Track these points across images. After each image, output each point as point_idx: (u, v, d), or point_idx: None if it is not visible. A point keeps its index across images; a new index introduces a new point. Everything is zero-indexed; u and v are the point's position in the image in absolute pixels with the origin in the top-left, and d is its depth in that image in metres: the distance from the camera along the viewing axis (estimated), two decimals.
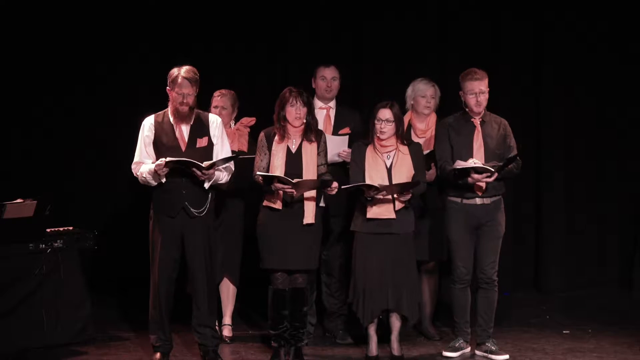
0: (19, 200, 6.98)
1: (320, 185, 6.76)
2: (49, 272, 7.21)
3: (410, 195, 6.82)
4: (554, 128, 9.13)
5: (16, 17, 8.90)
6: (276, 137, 6.85)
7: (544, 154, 9.15)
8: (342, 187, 6.81)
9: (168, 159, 6.58)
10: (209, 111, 7.36)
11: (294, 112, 6.81)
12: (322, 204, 7.14)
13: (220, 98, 7.48)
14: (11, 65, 8.91)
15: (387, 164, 6.90)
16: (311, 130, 6.88)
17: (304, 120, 6.83)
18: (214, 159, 6.72)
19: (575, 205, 9.17)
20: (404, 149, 6.93)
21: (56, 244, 7.23)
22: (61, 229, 7.46)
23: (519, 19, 9.04)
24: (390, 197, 6.81)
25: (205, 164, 6.59)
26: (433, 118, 7.52)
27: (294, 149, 6.86)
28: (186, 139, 6.74)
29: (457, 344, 7.15)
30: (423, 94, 7.46)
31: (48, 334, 7.19)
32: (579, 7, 9.00)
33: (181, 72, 6.68)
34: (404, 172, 6.88)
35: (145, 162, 6.74)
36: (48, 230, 7.26)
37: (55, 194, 8.30)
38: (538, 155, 9.14)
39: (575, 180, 9.15)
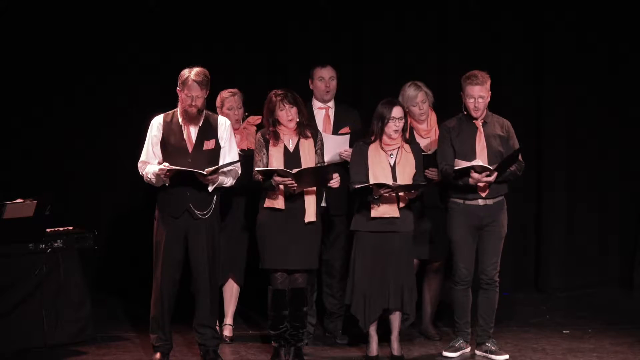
0: (19, 200, 6.98)
1: (320, 175, 6.73)
2: (49, 272, 7.21)
3: (417, 194, 6.85)
4: (554, 128, 9.13)
5: (17, 16, 8.89)
6: (270, 141, 6.85)
7: (545, 154, 9.15)
8: (356, 186, 6.81)
9: (170, 166, 6.57)
10: (222, 112, 7.35)
11: (285, 115, 6.82)
12: (323, 203, 7.14)
13: (233, 97, 7.48)
14: (11, 65, 8.90)
15: (391, 162, 6.90)
16: (305, 127, 6.88)
17: (297, 119, 6.84)
18: (221, 161, 6.72)
19: (576, 205, 9.16)
20: (407, 147, 6.95)
21: (56, 244, 7.23)
22: (61, 229, 7.46)
23: (519, 19, 9.04)
24: (394, 195, 6.82)
25: (207, 170, 6.58)
26: (433, 117, 7.52)
27: (291, 147, 6.86)
28: (193, 140, 6.74)
29: (457, 344, 7.15)
30: (413, 102, 7.43)
31: (48, 334, 7.19)
32: (579, 7, 8.99)
33: (191, 74, 6.67)
34: (407, 170, 6.89)
35: (151, 162, 6.74)
36: (48, 230, 7.26)
37: (55, 194, 8.30)
38: (539, 155, 9.13)
39: (576, 180, 9.15)
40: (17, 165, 9.00)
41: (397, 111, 6.89)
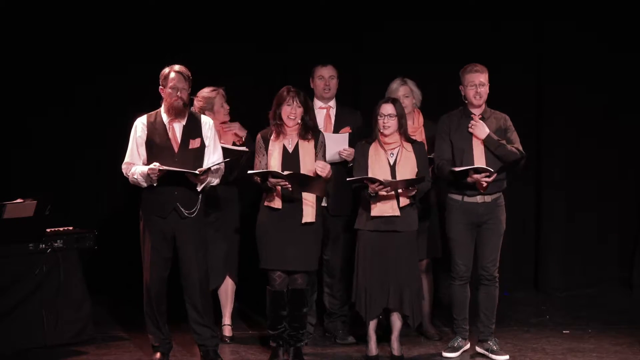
0: (19, 200, 6.98)
1: (311, 183, 6.71)
2: (49, 272, 7.21)
3: (415, 191, 6.83)
4: (554, 127, 9.13)
5: (17, 16, 8.89)
6: (272, 135, 6.84)
7: (545, 153, 9.15)
8: (347, 179, 6.81)
9: (162, 166, 6.57)
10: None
11: (289, 111, 6.81)
12: (323, 203, 7.14)
13: (221, 96, 7.47)
14: (11, 65, 8.90)
15: (391, 161, 6.89)
16: (307, 130, 6.87)
17: (298, 121, 6.83)
18: (206, 160, 6.71)
19: (576, 204, 9.16)
20: (408, 147, 6.93)
21: (56, 244, 7.24)
22: (61, 229, 7.46)
23: (519, 19, 9.04)
24: (393, 193, 6.80)
25: (199, 170, 6.57)
26: (420, 118, 7.51)
27: (290, 148, 6.85)
28: (179, 139, 6.73)
29: (455, 344, 7.15)
30: (395, 95, 7.42)
31: (48, 334, 7.20)
32: (579, 7, 8.99)
33: (173, 67, 6.71)
34: (407, 169, 6.87)
35: (136, 163, 6.73)
36: (48, 230, 7.26)
37: (55, 194, 8.31)
38: (538, 154, 9.14)
39: (576, 180, 9.15)
40: (17, 165, 9.00)
41: (386, 108, 6.88)
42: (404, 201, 6.85)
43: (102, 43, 8.97)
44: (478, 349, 7.15)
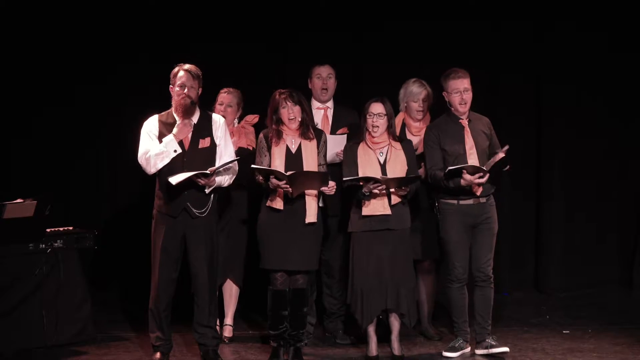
0: (19, 200, 6.98)
1: (315, 179, 6.71)
2: (49, 272, 7.21)
3: (408, 191, 6.83)
4: (554, 127, 9.13)
5: (18, 15, 8.89)
6: (273, 140, 6.83)
7: (544, 154, 9.15)
8: (343, 178, 6.80)
9: (171, 179, 6.54)
10: (213, 108, 7.36)
11: (287, 114, 6.81)
12: (320, 203, 7.13)
13: (226, 95, 7.48)
14: (11, 65, 8.90)
15: (381, 160, 6.89)
16: (309, 128, 6.87)
17: (299, 119, 6.83)
18: (217, 160, 6.70)
19: (575, 205, 9.16)
20: (397, 145, 6.92)
21: (56, 244, 7.24)
22: (61, 229, 7.46)
23: (519, 19, 9.04)
24: (385, 192, 6.79)
25: (210, 169, 6.57)
26: (428, 117, 7.51)
27: (293, 148, 6.85)
28: (189, 138, 6.72)
29: (457, 344, 7.15)
30: (415, 98, 7.41)
31: (48, 334, 7.20)
32: (579, 7, 8.99)
33: (183, 66, 6.71)
34: (397, 168, 6.87)
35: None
36: (48, 230, 7.26)
37: (55, 194, 8.30)
38: (538, 154, 9.14)
39: (575, 180, 9.15)
40: (17, 165, 9.00)
41: (375, 107, 6.87)
42: (395, 199, 6.84)
43: (103, 42, 8.97)
44: (478, 352, 7.14)
